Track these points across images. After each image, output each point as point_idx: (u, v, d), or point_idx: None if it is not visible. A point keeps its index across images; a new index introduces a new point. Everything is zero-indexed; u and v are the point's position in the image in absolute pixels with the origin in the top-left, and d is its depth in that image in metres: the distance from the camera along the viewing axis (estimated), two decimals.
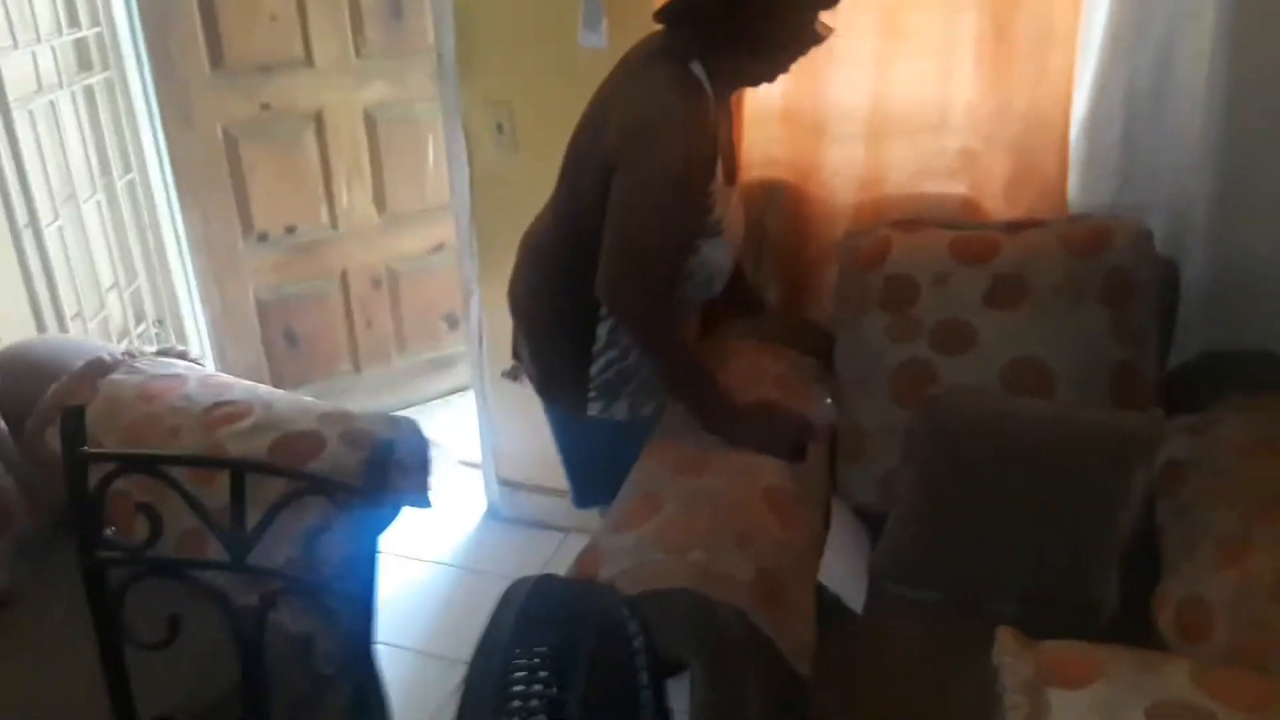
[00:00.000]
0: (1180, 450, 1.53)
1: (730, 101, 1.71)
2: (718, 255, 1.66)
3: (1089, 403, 1.61)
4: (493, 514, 2.75)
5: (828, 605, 1.49)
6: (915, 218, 1.84)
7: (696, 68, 1.52)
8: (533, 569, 2.39)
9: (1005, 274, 1.68)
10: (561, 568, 1.96)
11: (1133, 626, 1.39)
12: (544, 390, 1.81)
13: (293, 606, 1.47)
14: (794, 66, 1.83)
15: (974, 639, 1.16)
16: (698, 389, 1.64)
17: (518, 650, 1.06)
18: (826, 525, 1.62)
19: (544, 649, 1.06)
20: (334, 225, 2.94)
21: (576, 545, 1.68)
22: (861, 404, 1.73)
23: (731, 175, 1.70)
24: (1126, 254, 1.65)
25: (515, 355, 1.88)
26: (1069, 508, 1.49)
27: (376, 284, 3.07)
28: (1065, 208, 1.85)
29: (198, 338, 2.86)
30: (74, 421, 1.18)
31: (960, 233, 1.77)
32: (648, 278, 1.54)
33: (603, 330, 1.67)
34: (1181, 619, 1.31)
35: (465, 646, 1.13)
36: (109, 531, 1.19)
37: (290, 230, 2.88)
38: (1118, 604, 1.46)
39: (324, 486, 1.12)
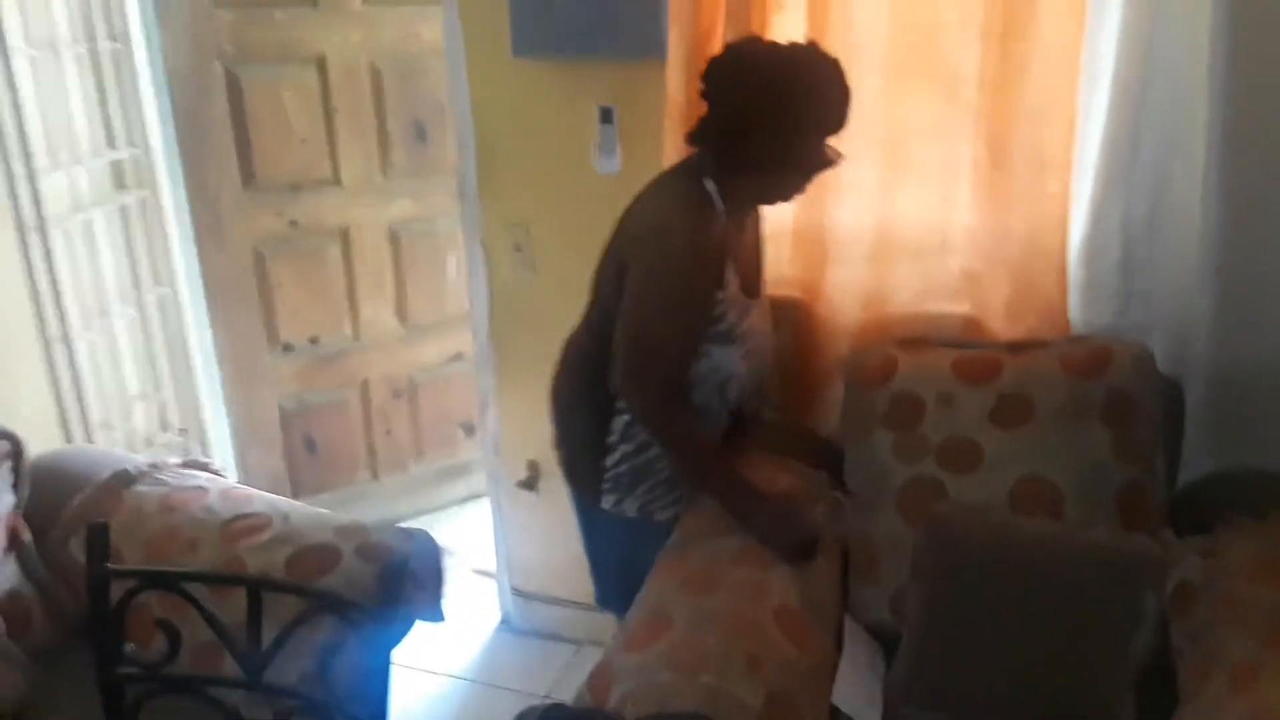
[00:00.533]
0: (1191, 573, 1.54)
1: (752, 219, 1.79)
2: (730, 362, 1.72)
3: (1096, 523, 1.62)
4: (507, 625, 2.74)
5: None
6: (919, 336, 1.89)
7: (709, 184, 1.63)
8: (546, 682, 2.40)
9: (1009, 394, 1.71)
10: (575, 681, 1.96)
11: None
12: (567, 477, 1.90)
13: None
14: (805, 189, 1.93)
15: None
16: (713, 478, 1.71)
17: None
18: (840, 645, 1.62)
19: None
20: (356, 336, 3.02)
21: (591, 657, 1.69)
22: (871, 520, 1.75)
23: (752, 289, 1.76)
24: (1127, 375, 1.68)
25: (555, 445, 1.96)
26: (1079, 630, 1.49)
27: (397, 394, 3.13)
28: (1067, 328, 1.88)
29: (220, 445, 2.91)
30: (98, 538, 1.22)
31: (964, 352, 1.81)
32: (653, 373, 1.64)
33: (618, 424, 1.75)
34: None
35: None
36: (128, 648, 1.21)
37: (314, 341, 2.96)
38: None
39: (337, 605, 1.15)
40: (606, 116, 2.11)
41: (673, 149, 1.91)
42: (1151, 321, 1.85)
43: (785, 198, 1.73)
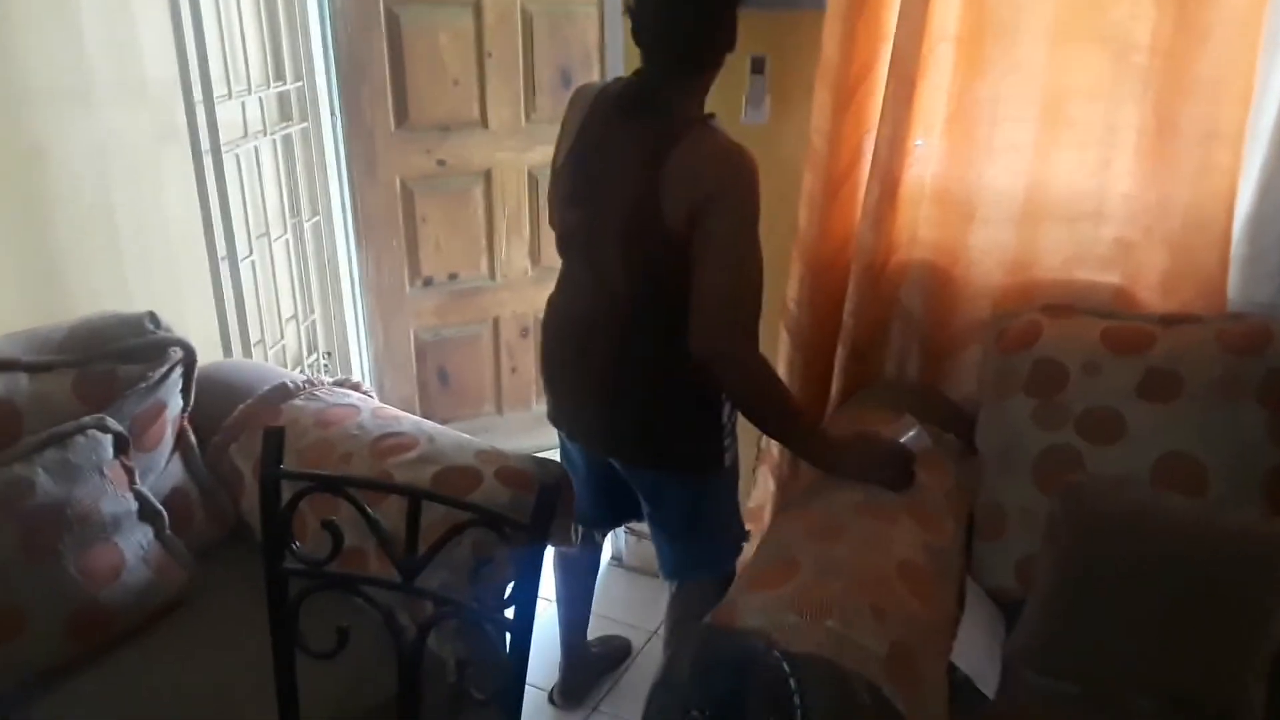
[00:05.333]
0: None
1: None
2: None
3: (1241, 505, 1.58)
4: (618, 560, 2.84)
5: (958, 685, 1.49)
6: (1067, 303, 1.85)
7: (716, 122, 1.63)
8: (654, 617, 2.46)
9: (1159, 367, 1.67)
10: None
11: None
12: (676, 461, 1.81)
13: (445, 630, 1.58)
14: (951, 149, 1.91)
15: None
16: (799, 426, 1.71)
17: (694, 693, 1.13)
18: (961, 605, 1.63)
19: (717, 695, 1.12)
20: (492, 275, 3.13)
21: None
22: (1002, 485, 1.74)
23: None
24: None
25: (611, 447, 1.85)
26: (1215, 612, 1.46)
27: (524, 332, 3.22)
28: (1224, 304, 1.82)
29: (360, 370, 3.06)
30: (274, 441, 1.30)
31: (1113, 322, 1.77)
32: (752, 321, 1.59)
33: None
34: None
35: None
36: (295, 545, 1.30)
37: (453, 277, 3.08)
38: (1263, 714, 1.42)
39: (495, 520, 1.21)
40: (758, 67, 2.11)
41: (823, 102, 1.90)
42: None
43: None
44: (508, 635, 1.23)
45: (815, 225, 1.98)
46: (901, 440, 1.76)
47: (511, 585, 1.24)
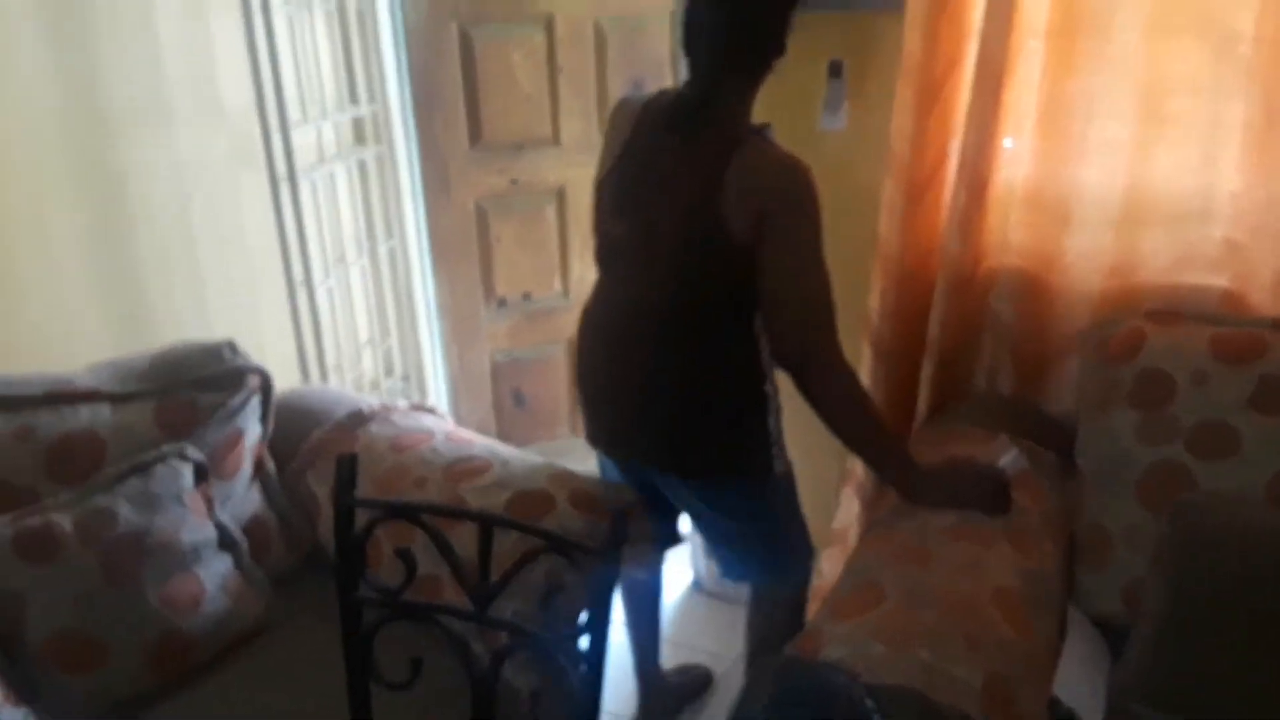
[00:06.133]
0: None
1: None
2: None
3: None
4: (698, 586, 2.77)
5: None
6: (1172, 309, 1.74)
7: (769, 133, 1.58)
8: (735, 644, 2.39)
9: (1274, 375, 1.55)
10: None
11: None
12: (722, 469, 1.73)
13: (518, 660, 1.54)
14: (1042, 149, 1.84)
15: None
16: (885, 436, 1.63)
17: None
18: (1062, 634, 1.53)
19: None
20: (565, 294, 3.11)
21: None
22: (1106, 504, 1.63)
23: None
24: None
25: (646, 454, 1.78)
26: None
27: None
28: None
29: (436, 393, 3.06)
30: (347, 469, 1.28)
31: (1223, 329, 1.65)
32: (834, 327, 1.55)
33: (770, 376, 1.68)
34: None
35: None
36: (368, 574, 1.28)
37: (526, 297, 3.07)
38: None
39: (565, 547, 1.17)
40: (836, 71, 2.05)
41: (904, 106, 1.83)
42: None
43: None
44: (581, 666, 1.18)
45: (897, 234, 1.90)
46: (999, 464, 1.66)
47: (585, 614, 1.19)
